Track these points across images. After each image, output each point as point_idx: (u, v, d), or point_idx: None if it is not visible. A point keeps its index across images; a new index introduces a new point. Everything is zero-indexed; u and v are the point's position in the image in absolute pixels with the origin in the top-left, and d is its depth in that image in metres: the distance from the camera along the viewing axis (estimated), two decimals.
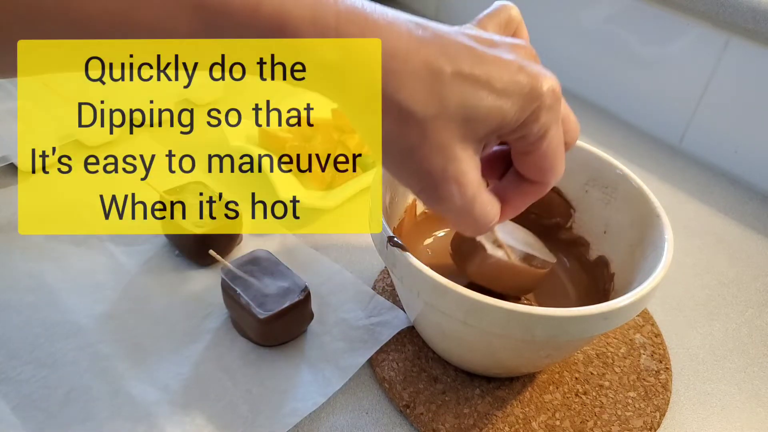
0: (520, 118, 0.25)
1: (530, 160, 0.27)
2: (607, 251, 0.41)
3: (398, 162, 0.26)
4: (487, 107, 0.24)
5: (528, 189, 0.29)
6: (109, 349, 0.38)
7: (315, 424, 0.35)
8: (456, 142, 0.25)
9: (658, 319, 0.44)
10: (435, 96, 0.24)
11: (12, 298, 0.41)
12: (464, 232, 0.29)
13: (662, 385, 0.39)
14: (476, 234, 0.30)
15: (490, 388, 0.38)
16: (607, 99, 0.71)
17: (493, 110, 0.24)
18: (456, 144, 0.25)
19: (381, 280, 0.45)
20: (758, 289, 0.48)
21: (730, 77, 0.58)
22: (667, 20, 0.61)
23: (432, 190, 0.26)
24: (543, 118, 0.25)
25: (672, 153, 0.64)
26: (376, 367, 0.38)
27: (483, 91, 0.24)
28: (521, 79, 0.25)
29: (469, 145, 0.25)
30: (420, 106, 0.24)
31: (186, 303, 0.42)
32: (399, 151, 0.25)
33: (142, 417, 0.34)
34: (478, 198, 0.27)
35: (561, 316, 0.29)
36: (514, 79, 0.25)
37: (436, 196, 0.26)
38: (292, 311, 0.37)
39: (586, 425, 0.36)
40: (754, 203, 0.58)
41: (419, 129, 0.24)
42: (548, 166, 0.28)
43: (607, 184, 0.40)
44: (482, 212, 0.27)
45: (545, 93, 0.25)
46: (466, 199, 0.26)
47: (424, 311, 0.35)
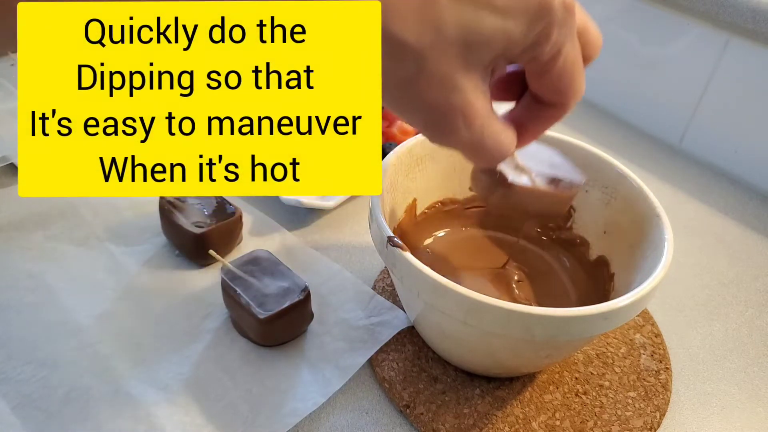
0: (528, 37, 0.23)
1: (545, 81, 0.25)
2: (607, 251, 0.41)
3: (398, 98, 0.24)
4: (490, 29, 0.22)
5: (547, 112, 0.27)
6: (109, 349, 0.38)
7: (315, 424, 0.35)
8: (458, 71, 0.23)
9: (658, 319, 0.44)
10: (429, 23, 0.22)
11: (12, 298, 0.41)
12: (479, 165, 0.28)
13: (662, 385, 0.39)
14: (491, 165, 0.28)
15: (490, 388, 0.38)
16: (607, 99, 0.71)
17: (496, 32, 0.22)
18: (458, 73, 0.23)
19: (381, 280, 0.45)
20: (758, 289, 0.48)
21: (730, 77, 0.58)
22: (667, 20, 0.61)
23: (436, 124, 0.24)
24: (555, 35, 0.23)
25: (672, 153, 0.64)
26: (376, 367, 0.38)
27: (483, 11, 0.22)
28: None
29: (474, 72, 0.23)
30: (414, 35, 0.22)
31: (186, 303, 0.42)
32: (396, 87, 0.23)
33: (142, 417, 0.34)
34: (488, 128, 0.25)
35: (561, 316, 0.29)
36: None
37: (441, 131, 0.25)
38: (292, 311, 0.37)
39: (586, 425, 0.36)
40: (754, 203, 0.58)
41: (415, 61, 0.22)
42: (566, 86, 0.25)
43: (607, 184, 0.40)
44: (495, 143, 0.25)
45: (555, 7, 0.22)
46: (474, 131, 0.24)
47: (424, 311, 0.35)
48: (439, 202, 0.44)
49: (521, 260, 0.43)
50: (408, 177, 0.40)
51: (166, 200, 0.44)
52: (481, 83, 0.24)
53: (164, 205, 0.44)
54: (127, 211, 0.49)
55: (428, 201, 0.43)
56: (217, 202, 0.45)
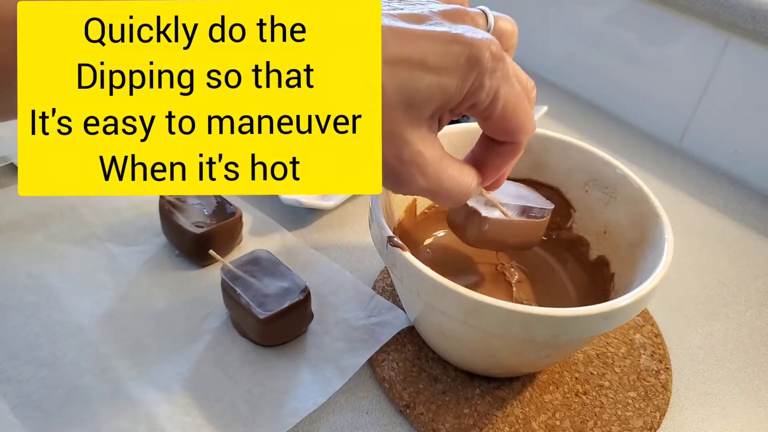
0: (463, 89, 0.24)
1: (491, 124, 0.27)
2: (607, 251, 0.41)
3: None
4: (426, 86, 0.24)
5: (502, 150, 0.29)
6: (109, 349, 0.38)
7: (315, 424, 0.35)
8: (404, 128, 0.24)
9: (658, 319, 0.44)
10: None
11: (12, 298, 0.41)
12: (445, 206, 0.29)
13: (662, 385, 0.39)
14: (457, 205, 0.30)
15: (490, 388, 0.38)
16: (607, 99, 0.71)
17: (433, 88, 0.24)
18: (404, 129, 0.24)
19: (381, 280, 0.45)
20: (758, 289, 0.48)
21: (730, 77, 0.58)
22: (667, 20, 0.61)
23: (393, 177, 0.26)
24: (488, 83, 0.25)
25: (672, 153, 0.64)
26: (376, 367, 0.38)
27: (417, 71, 0.23)
28: (455, 49, 0.24)
29: (419, 126, 0.25)
30: None
31: (186, 303, 0.42)
32: None
33: (142, 417, 0.34)
34: (445, 173, 0.26)
35: (561, 316, 0.29)
36: (448, 51, 0.24)
37: (399, 183, 0.26)
38: (292, 311, 0.37)
39: (586, 425, 0.36)
40: (754, 203, 0.58)
41: None
42: (511, 126, 0.27)
43: (607, 184, 0.40)
44: (453, 185, 0.27)
45: (484, 58, 0.24)
46: (429, 178, 0.26)
47: (424, 311, 0.35)
48: None
49: (521, 260, 0.43)
50: None
51: (166, 200, 0.44)
52: (429, 134, 0.26)
53: (164, 205, 0.44)
54: (127, 211, 0.49)
55: (428, 201, 0.43)
56: (217, 202, 0.45)
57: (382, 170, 0.25)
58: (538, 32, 0.73)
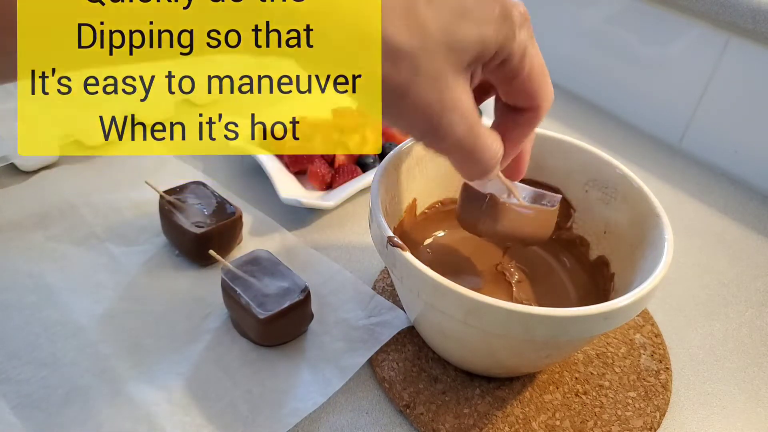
0: (498, 39, 0.26)
1: (517, 84, 0.28)
2: (607, 251, 0.41)
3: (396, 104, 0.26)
4: (466, 33, 0.25)
5: (522, 119, 0.30)
6: (109, 349, 0.38)
7: (315, 424, 0.35)
8: (447, 71, 0.25)
9: (658, 319, 0.44)
10: (415, 27, 0.24)
11: (12, 298, 0.41)
12: (472, 174, 0.29)
13: (662, 385, 0.39)
14: (485, 173, 0.30)
15: (490, 388, 0.38)
16: (607, 99, 0.71)
17: (471, 35, 0.25)
18: (448, 73, 0.25)
19: (381, 280, 0.45)
20: (758, 289, 0.48)
21: (730, 77, 0.58)
22: (667, 20, 0.61)
23: (433, 125, 0.26)
24: (518, 36, 0.26)
25: (672, 153, 0.64)
26: (376, 367, 0.38)
27: (457, 17, 0.25)
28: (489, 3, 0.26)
29: (460, 73, 0.26)
30: (405, 39, 0.24)
31: (186, 303, 0.42)
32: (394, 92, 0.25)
33: (142, 417, 0.34)
34: (480, 128, 0.27)
35: (561, 316, 0.29)
36: (483, 4, 0.25)
37: (438, 131, 0.26)
38: (292, 311, 0.37)
39: (586, 425, 0.36)
40: (754, 203, 0.58)
41: (410, 63, 0.24)
42: (536, 87, 0.28)
43: (607, 184, 0.40)
44: (486, 143, 0.27)
45: (514, 13, 0.26)
46: (468, 126, 0.26)
47: (424, 311, 0.35)
48: (439, 202, 0.44)
49: (521, 260, 0.43)
50: (408, 177, 0.40)
51: (167, 200, 0.44)
52: (466, 85, 0.26)
53: (164, 205, 0.44)
54: (127, 211, 0.49)
55: (428, 201, 0.43)
56: (217, 202, 0.45)
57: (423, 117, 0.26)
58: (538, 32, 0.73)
